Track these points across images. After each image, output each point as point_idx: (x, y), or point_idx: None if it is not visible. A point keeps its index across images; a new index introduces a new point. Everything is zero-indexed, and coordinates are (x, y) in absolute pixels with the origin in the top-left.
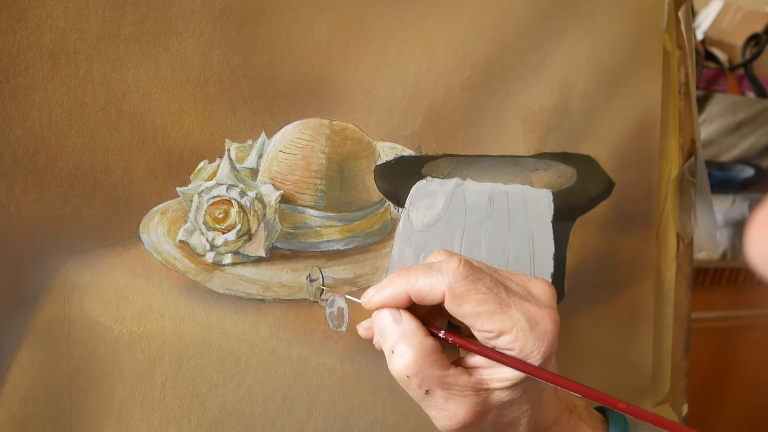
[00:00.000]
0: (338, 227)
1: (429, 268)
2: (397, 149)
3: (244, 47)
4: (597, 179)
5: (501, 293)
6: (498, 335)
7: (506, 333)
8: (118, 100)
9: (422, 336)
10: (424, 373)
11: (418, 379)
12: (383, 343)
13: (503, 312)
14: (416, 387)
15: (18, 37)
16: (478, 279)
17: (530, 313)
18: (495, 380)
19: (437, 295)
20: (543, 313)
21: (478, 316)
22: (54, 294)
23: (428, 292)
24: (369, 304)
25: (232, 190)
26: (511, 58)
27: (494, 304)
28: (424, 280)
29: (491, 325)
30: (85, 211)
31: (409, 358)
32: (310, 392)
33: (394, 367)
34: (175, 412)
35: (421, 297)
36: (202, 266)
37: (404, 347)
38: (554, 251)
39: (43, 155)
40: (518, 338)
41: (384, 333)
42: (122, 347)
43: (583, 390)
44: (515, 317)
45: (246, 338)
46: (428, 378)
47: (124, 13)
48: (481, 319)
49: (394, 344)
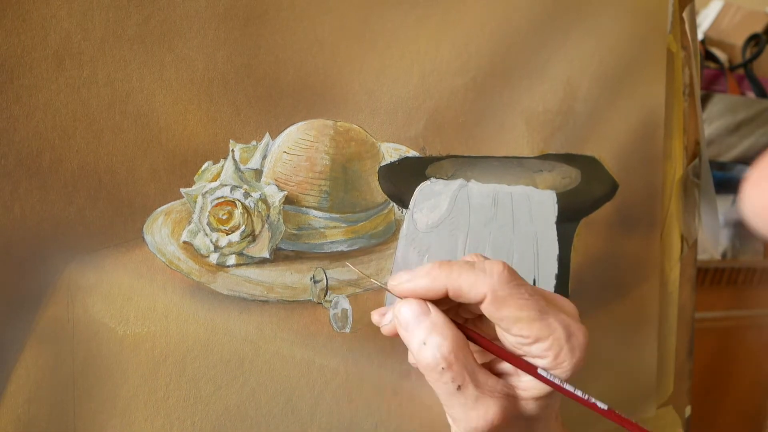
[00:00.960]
0: (342, 228)
1: (472, 266)
2: (401, 150)
3: (249, 48)
4: (601, 181)
5: (541, 301)
6: (534, 341)
7: (542, 340)
8: (122, 100)
9: (454, 328)
10: (459, 366)
11: (452, 372)
12: (410, 334)
13: (542, 319)
14: (449, 380)
15: (22, 37)
16: (521, 284)
17: (567, 324)
18: (521, 389)
19: (478, 294)
20: (578, 326)
21: (517, 320)
22: (58, 295)
23: (469, 290)
24: (399, 289)
25: (236, 191)
26: (515, 59)
27: (535, 310)
28: (467, 277)
29: (529, 330)
30: (89, 212)
31: (446, 349)
32: (314, 394)
33: (428, 357)
34: (179, 414)
35: (459, 294)
36: (206, 267)
37: (439, 339)
38: (558, 252)
39: (47, 156)
40: (553, 346)
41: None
42: (126, 348)
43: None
44: (553, 326)
45: (250, 339)
46: (462, 371)
47: (129, 13)
48: (520, 324)
49: (425, 336)
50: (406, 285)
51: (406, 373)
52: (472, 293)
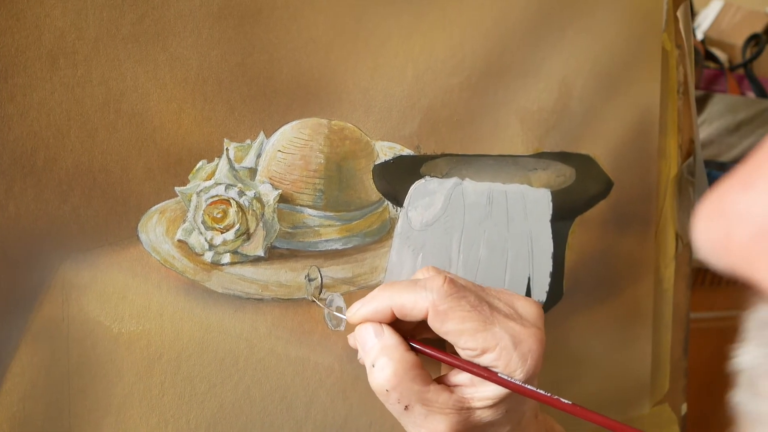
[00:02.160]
0: (337, 227)
1: (414, 284)
2: (396, 149)
3: (243, 47)
4: (596, 179)
5: (485, 311)
6: (482, 353)
7: (490, 351)
8: (116, 99)
9: (403, 350)
10: (403, 387)
11: (397, 394)
12: (365, 357)
13: (486, 330)
14: (395, 402)
15: (16, 36)
16: (462, 297)
17: (514, 332)
18: (477, 399)
19: (420, 311)
20: (528, 332)
21: (461, 333)
22: (53, 293)
23: (411, 308)
24: (353, 318)
25: (231, 189)
26: (510, 57)
27: (477, 321)
28: (407, 296)
29: (474, 342)
30: (83, 210)
31: (389, 372)
32: (308, 392)
33: (375, 380)
34: (174, 412)
35: (404, 313)
36: (201, 266)
37: (385, 360)
38: (553, 251)
39: (41, 155)
40: (501, 356)
41: (366, 347)
42: (121, 347)
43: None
44: (499, 335)
45: (245, 338)
46: (408, 393)
47: (123, 12)
48: (464, 336)
49: (375, 358)
50: (358, 313)
51: None
52: (414, 311)
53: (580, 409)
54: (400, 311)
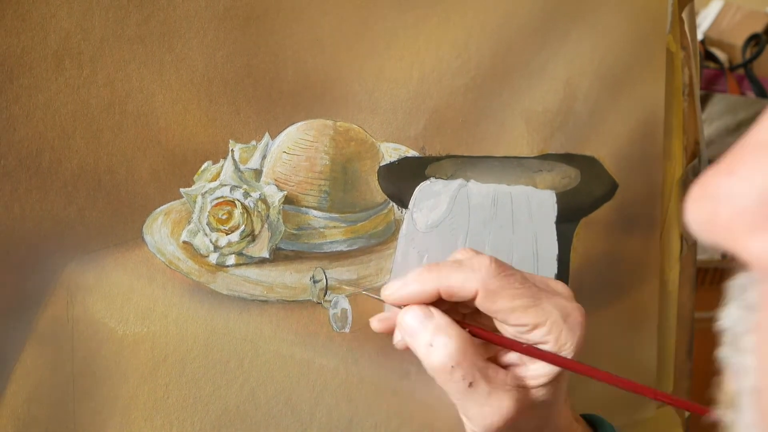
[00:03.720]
0: (342, 228)
1: (459, 264)
2: (401, 150)
3: (248, 48)
4: (601, 180)
5: (533, 288)
6: (533, 328)
7: (541, 326)
8: (122, 100)
9: (459, 328)
10: (468, 363)
11: (462, 370)
12: (415, 339)
13: (537, 305)
14: (460, 379)
15: (22, 37)
16: (511, 274)
17: (562, 306)
18: (530, 377)
19: (469, 291)
20: (573, 306)
21: (512, 310)
22: (58, 295)
23: (460, 288)
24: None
25: (236, 191)
26: (515, 59)
27: (528, 298)
28: (456, 277)
29: (526, 318)
30: (88, 212)
31: (453, 347)
32: (313, 394)
33: (437, 358)
34: (179, 414)
35: (452, 293)
36: (206, 267)
37: (445, 338)
38: (558, 252)
39: (47, 156)
40: (552, 330)
41: (415, 330)
42: (126, 348)
43: (619, 381)
44: (548, 310)
45: (249, 339)
46: (472, 368)
47: (128, 13)
48: (516, 313)
49: (431, 338)
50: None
51: (405, 373)
52: (463, 291)
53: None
54: (447, 292)
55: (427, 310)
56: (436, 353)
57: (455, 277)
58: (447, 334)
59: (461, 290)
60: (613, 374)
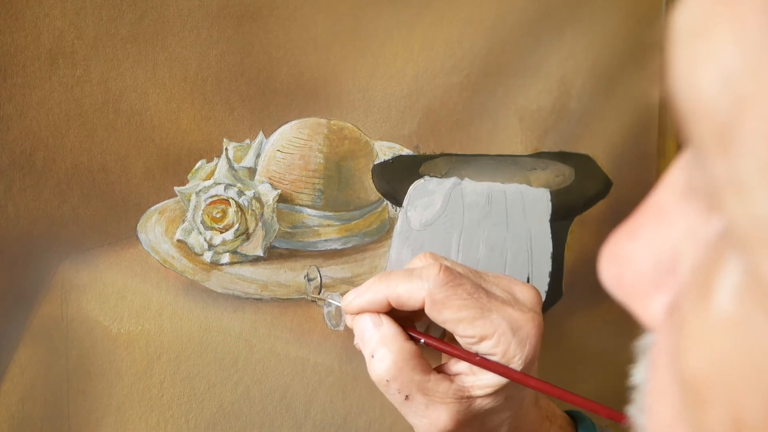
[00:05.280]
0: (336, 226)
1: (410, 273)
2: (395, 148)
3: (242, 47)
4: (595, 178)
5: (482, 298)
6: (480, 340)
7: (488, 338)
8: (115, 99)
9: (402, 340)
10: (404, 378)
11: (398, 384)
12: (363, 347)
13: (484, 317)
14: (396, 392)
15: (15, 36)
16: (459, 285)
17: (512, 318)
18: (477, 387)
19: (417, 301)
20: (526, 317)
21: (458, 321)
22: (52, 293)
23: (408, 298)
24: (349, 308)
25: (230, 189)
26: (509, 57)
27: (475, 309)
28: (404, 286)
29: (473, 330)
30: (82, 210)
31: (389, 362)
32: (308, 391)
33: (374, 370)
34: (174, 412)
35: (400, 303)
36: (200, 265)
37: (384, 351)
38: (552, 250)
39: (40, 155)
40: (500, 342)
41: (364, 337)
42: (120, 346)
43: (566, 395)
44: (496, 321)
45: (244, 337)
46: (408, 382)
47: (122, 12)
48: (462, 324)
49: (374, 348)
50: (354, 303)
51: None
52: (411, 301)
53: (574, 395)
54: (396, 302)
55: (377, 319)
56: (375, 366)
57: (403, 287)
58: (387, 347)
59: (409, 299)
60: (560, 388)
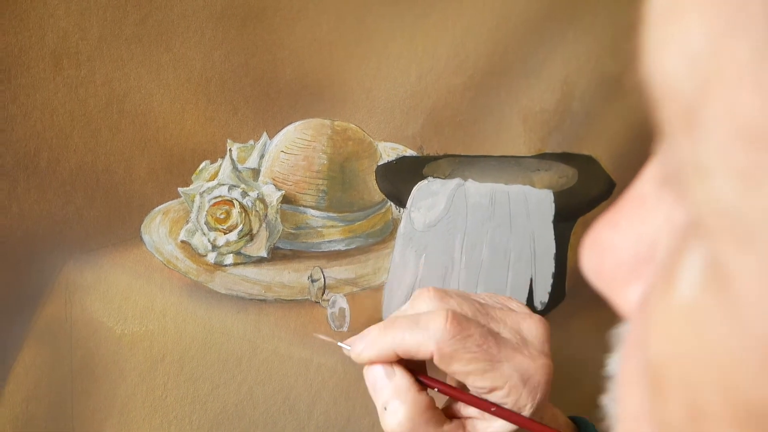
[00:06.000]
0: (340, 227)
1: (416, 323)
2: (399, 149)
3: (246, 47)
4: (598, 180)
5: (491, 348)
6: (490, 391)
7: (498, 389)
8: (120, 100)
9: (415, 392)
10: (419, 430)
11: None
12: (375, 397)
13: (494, 369)
14: None
15: (20, 37)
16: (468, 336)
17: (522, 367)
18: None
19: (426, 353)
20: (536, 365)
21: (468, 374)
22: (56, 294)
23: (416, 351)
24: (359, 359)
25: (234, 190)
26: (512, 58)
27: (484, 362)
28: (410, 339)
29: (483, 382)
30: (86, 211)
31: (402, 416)
32: (311, 393)
33: (387, 424)
34: (177, 413)
35: (409, 355)
36: (204, 266)
37: (397, 404)
38: (555, 251)
39: (45, 155)
40: (511, 393)
41: (376, 388)
42: (124, 347)
43: None
44: (507, 373)
45: (248, 338)
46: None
47: (126, 13)
48: (472, 376)
49: (386, 400)
50: (364, 355)
51: None
52: (420, 354)
53: None
54: (404, 354)
55: (390, 369)
56: (388, 418)
57: (410, 340)
58: (401, 399)
59: (417, 353)
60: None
